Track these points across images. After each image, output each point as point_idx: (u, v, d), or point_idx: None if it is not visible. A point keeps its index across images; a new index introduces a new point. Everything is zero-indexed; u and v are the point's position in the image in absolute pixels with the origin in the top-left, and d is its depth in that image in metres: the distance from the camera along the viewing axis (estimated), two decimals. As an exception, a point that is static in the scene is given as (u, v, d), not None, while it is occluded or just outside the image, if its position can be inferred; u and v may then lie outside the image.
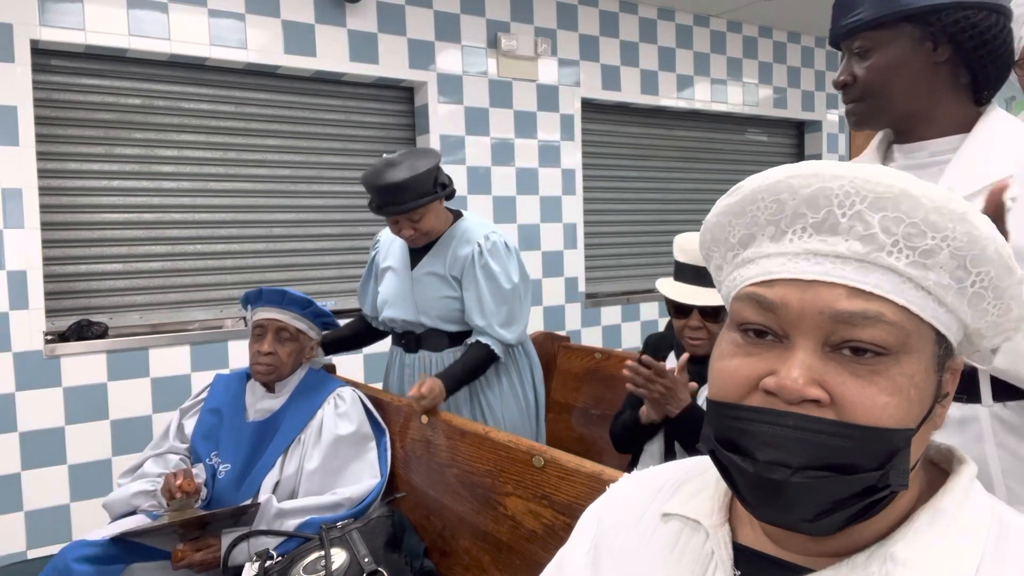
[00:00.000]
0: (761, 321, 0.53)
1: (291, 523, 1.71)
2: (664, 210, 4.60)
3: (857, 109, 1.13)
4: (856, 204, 0.51)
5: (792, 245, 0.53)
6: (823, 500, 0.49)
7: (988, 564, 0.51)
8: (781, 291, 0.52)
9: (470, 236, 2.06)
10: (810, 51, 5.11)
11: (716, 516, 0.61)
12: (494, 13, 3.78)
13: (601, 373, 2.49)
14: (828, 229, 0.52)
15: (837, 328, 0.50)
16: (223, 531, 1.73)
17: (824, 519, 0.50)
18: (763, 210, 0.55)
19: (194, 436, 1.95)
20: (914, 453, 0.51)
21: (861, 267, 0.51)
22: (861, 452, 0.49)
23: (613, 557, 0.66)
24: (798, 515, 0.50)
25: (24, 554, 2.76)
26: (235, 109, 3.26)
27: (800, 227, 0.53)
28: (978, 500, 0.55)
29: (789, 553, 0.57)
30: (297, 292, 1.94)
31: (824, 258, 0.51)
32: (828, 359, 0.50)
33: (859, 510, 0.50)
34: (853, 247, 0.51)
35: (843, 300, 0.50)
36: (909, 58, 1.06)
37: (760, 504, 0.52)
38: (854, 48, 1.10)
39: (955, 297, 0.52)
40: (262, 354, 1.87)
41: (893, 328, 0.50)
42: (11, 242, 2.71)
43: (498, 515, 1.51)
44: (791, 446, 0.49)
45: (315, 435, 1.83)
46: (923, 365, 0.51)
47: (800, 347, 0.51)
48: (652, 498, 0.67)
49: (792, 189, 0.53)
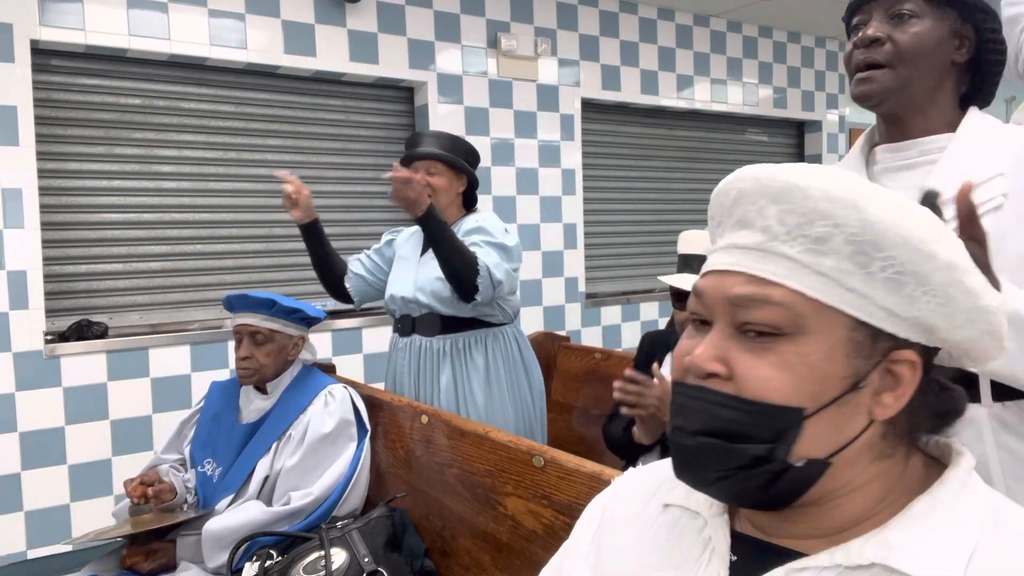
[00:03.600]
0: (695, 309, 0.59)
1: (221, 554, 1.68)
2: (664, 210, 4.60)
3: (877, 76, 1.05)
4: (759, 200, 0.56)
5: (723, 240, 0.60)
6: (718, 464, 0.54)
7: (983, 553, 0.51)
8: (706, 281, 0.59)
9: (471, 220, 2.11)
10: (810, 51, 5.11)
11: (715, 507, 0.63)
12: (494, 13, 3.78)
13: (601, 373, 2.49)
14: (744, 223, 0.58)
15: (735, 311, 0.55)
16: (179, 535, 1.76)
17: (725, 483, 0.55)
18: (716, 214, 0.62)
19: (192, 444, 1.96)
20: (830, 434, 0.53)
21: (762, 256, 0.55)
22: (748, 424, 0.53)
23: (614, 546, 0.68)
24: (701, 476, 0.56)
25: (24, 554, 2.76)
26: (235, 109, 3.26)
27: (730, 224, 0.59)
28: (975, 492, 0.55)
29: (783, 540, 0.58)
30: (260, 293, 1.91)
31: (737, 250, 0.57)
32: (733, 339, 0.56)
33: (762, 482, 0.54)
34: (755, 238, 0.56)
35: (739, 286, 0.55)
36: (941, 44, 1.04)
37: (675, 467, 0.58)
38: (895, 10, 1.03)
39: (862, 282, 0.53)
40: (240, 359, 1.89)
41: (780, 309, 0.53)
42: (11, 242, 2.71)
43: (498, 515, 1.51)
44: (692, 414, 0.56)
45: (301, 432, 1.83)
46: (823, 346, 0.53)
47: (715, 329, 0.57)
48: (654, 491, 0.69)
49: (727, 192, 0.59)
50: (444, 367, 2.10)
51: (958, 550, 0.51)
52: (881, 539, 0.53)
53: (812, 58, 5.12)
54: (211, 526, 1.71)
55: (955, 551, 0.51)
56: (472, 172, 2.15)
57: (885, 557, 0.52)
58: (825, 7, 4.47)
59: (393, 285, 2.19)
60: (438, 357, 2.11)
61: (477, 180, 2.17)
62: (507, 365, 2.15)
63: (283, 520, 1.74)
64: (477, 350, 2.11)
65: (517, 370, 2.18)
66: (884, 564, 0.52)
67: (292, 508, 1.75)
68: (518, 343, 2.20)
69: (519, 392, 2.17)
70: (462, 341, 2.10)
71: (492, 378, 2.12)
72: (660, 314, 4.46)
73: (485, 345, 2.12)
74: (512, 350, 2.17)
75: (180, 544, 1.76)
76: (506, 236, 2.08)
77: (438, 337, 2.10)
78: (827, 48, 5.19)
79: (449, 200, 2.12)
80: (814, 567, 0.54)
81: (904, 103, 1.07)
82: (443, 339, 2.10)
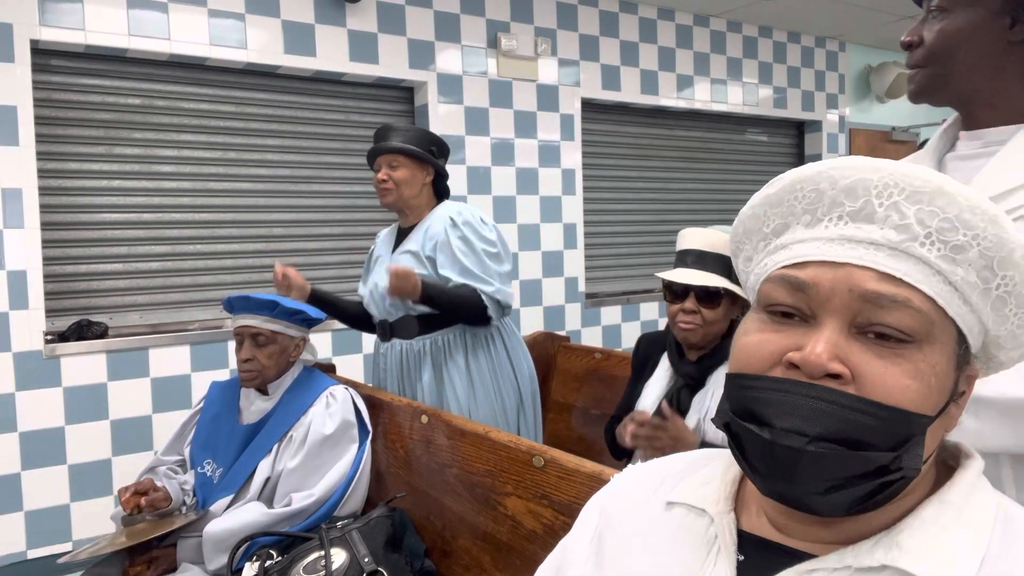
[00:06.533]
0: (791, 302, 0.54)
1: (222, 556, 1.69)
2: (664, 210, 4.60)
3: (917, 76, 1.03)
4: (894, 195, 0.53)
5: (827, 231, 0.54)
6: (834, 473, 0.50)
7: (993, 557, 0.51)
8: (813, 271, 0.54)
9: (442, 214, 2.12)
10: (810, 51, 5.11)
11: (722, 504, 0.62)
12: (494, 13, 3.78)
13: (601, 373, 2.49)
14: (864, 217, 0.53)
15: (864, 308, 0.51)
16: (180, 538, 1.76)
17: (833, 494, 0.50)
18: (800, 199, 0.56)
19: (192, 445, 1.96)
20: (929, 445, 0.52)
21: (893, 254, 0.52)
22: (878, 431, 0.49)
23: (615, 545, 0.66)
24: (808, 487, 0.50)
25: (24, 554, 2.76)
26: (235, 109, 3.26)
27: (836, 215, 0.54)
28: (984, 494, 0.55)
29: (793, 540, 0.57)
30: (262, 295, 1.91)
31: (858, 244, 0.53)
32: (853, 339, 0.52)
33: (868, 492, 0.50)
34: (887, 235, 0.52)
35: (873, 282, 0.52)
36: (981, 29, 0.97)
37: (770, 474, 0.52)
38: (930, 5, 1.01)
39: (980, 297, 0.53)
40: (242, 361, 1.88)
41: (919, 315, 0.51)
42: (11, 242, 2.71)
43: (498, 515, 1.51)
44: (810, 415, 0.50)
45: (303, 433, 1.83)
46: (945, 357, 0.52)
47: (827, 325, 0.52)
48: (656, 488, 0.68)
49: (832, 179, 0.55)
50: (425, 367, 2.10)
51: (968, 554, 0.51)
52: (891, 541, 0.53)
53: (812, 58, 5.12)
54: (212, 528, 1.71)
55: (965, 555, 0.51)
56: (437, 162, 2.15)
57: (895, 559, 0.52)
58: (825, 7, 4.47)
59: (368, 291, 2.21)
60: (419, 358, 2.12)
61: (445, 171, 2.18)
62: (490, 362, 2.13)
63: (284, 522, 1.74)
64: (457, 348, 2.10)
65: (502, 366, 2.15)
66: (894, 566, 0.51)
67: (293, 509, 1.75)
68: (503, 338, 2.17)
69: (503, 389, 2.14)
70: (441, 339, 2.10)
71: (474, 376, 2.10)
72: (660, 314, 4.45)
73: (465, 343, 2.11)
74: (495, 345, 2.15)
75: (181, 546, 1.76)
76: (489, 243, 2.07)
77: (418, 339, 2.11)
78: (827, 48, 5.19)
79: (415, 191, 2.13)
80: (824, 568, 0.54)
81: (954, 97, 1.03)
82: (423, 340, 2.10)
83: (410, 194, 2.12)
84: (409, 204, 2.15)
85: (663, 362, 1.73)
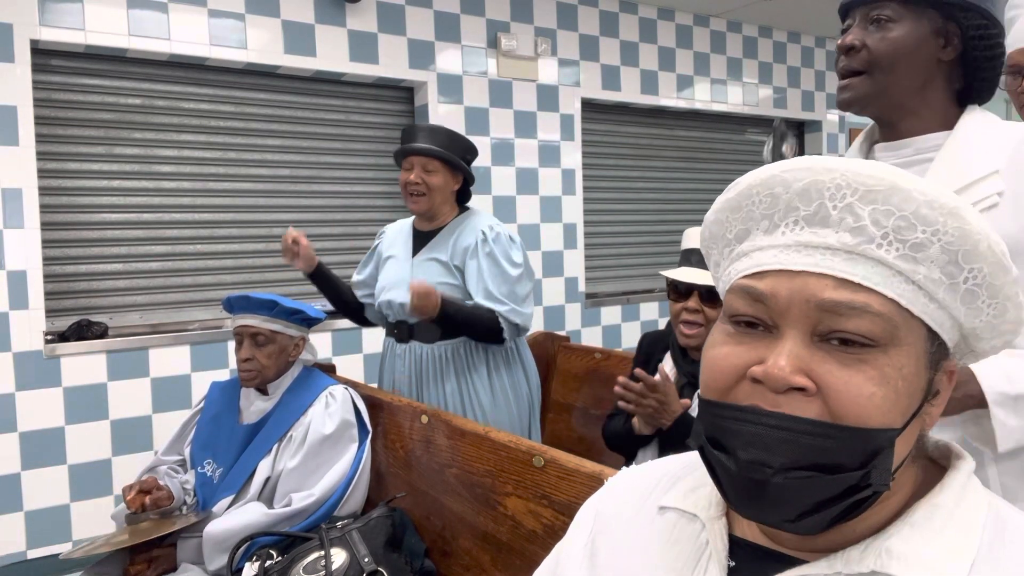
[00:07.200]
0: (751, 312, 0.53)
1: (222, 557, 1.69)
2: (664, 210, 4.60)
3: (854, 84, 1.08)
4: (847, 197, 0.51)
5: (784, 237, 0.53)
6: (805, 500, 0.49)
7: (984, 561, 0.51)
8: (771, 282, 0.52)
9: (475, 225, 2.09)
10: (810, 51, 5.11)
11: (713, 509, 0.61)
12: (494, 13, 3.78)
13: (601, 373, 2.49)
14: (819, 221, 0.52)
15: (824, 318, 0.50)
16: (180, 538, 1.76)
17: (806, 519, 0.50)
18: (757, 204, 0.55)
19: (192, 445, 1.96)
20: (900, 452, 0.51)
21: (850, 259, 0.51)
22: (843, 451, 0.49)
23: (609, 549, 0.66)
24: (781, 515, 0.50)
25: (24, 554, 2.76)
26: (235, 109, 3.26)
27: (792, 220, 0.53)
28: (975, 496, 0.55)
29: (784, 546, 0.57)
30: (261, 294, 1.91)
31: (814, 250, 0.52)
32: (816, 349, 0.51)
33: (841, 511, 0.50)
34: (843, 239, 0.51)
35: (830, 290, 0.50)
36: (923, 44, 1.04)
37: (743, 503, 0.52)
38: (873, 15, 1.05)
39: (947, 293, 0.52)
40: (242, 361, 1.88)
41: (880, 319, 0.50)
42: (11, 242, 2.71)
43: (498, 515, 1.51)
44: (773, 446, 0.49)
45: (302, 433, 1.83)
46: (913, 359, 0.51)
47: (788, 337, 0.51)
48: (650, 491, 0.68)
49: (785, 183, 0.53)
50: (448, 375, 2.09)
51: (959, 558, 0.51)
52: (881, 547, 0.52)
53: (812, 58, 5.12)
54: (212, 529, 1.71)
55: (956, 559, 0.51)
56: (468, 170, 2.12)
57: (885, 565, 0.51)
58: (825, 7, 4.47)
59: (388, 290, 2.15)
60: (440, 364, 2.10)
61: (473, 177, 2.15)
62: (508, 367, 2.15)
63: (284, 522, 1.74)
64: (478, 355, 2.10)
65: (517, 371, 2.18)
66: (884, 572, 0.51)
67: (293, 510, 1.75)
68: (516, 343, 2.19)
69: (520, 393, 2.17)
70: (463, 347, 2.09)
71: (495, 383, 2.12)
72: (660, 314, 4.46)
73: (486, 349, 2.11)
74: (512, 351, 2.17)
75: (181, 547, 1.76)
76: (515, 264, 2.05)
77: (439, 344, 2.09)
78: (827, 48, 5.19)
79: (444, 198, 2.10)
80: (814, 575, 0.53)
81: (887, 106, 1.08)
82: (444, 345, 2.09)
83: (441, 200, 2.09)
84: (438, 210, 2.12)
85: (666, 360, 1.74)
